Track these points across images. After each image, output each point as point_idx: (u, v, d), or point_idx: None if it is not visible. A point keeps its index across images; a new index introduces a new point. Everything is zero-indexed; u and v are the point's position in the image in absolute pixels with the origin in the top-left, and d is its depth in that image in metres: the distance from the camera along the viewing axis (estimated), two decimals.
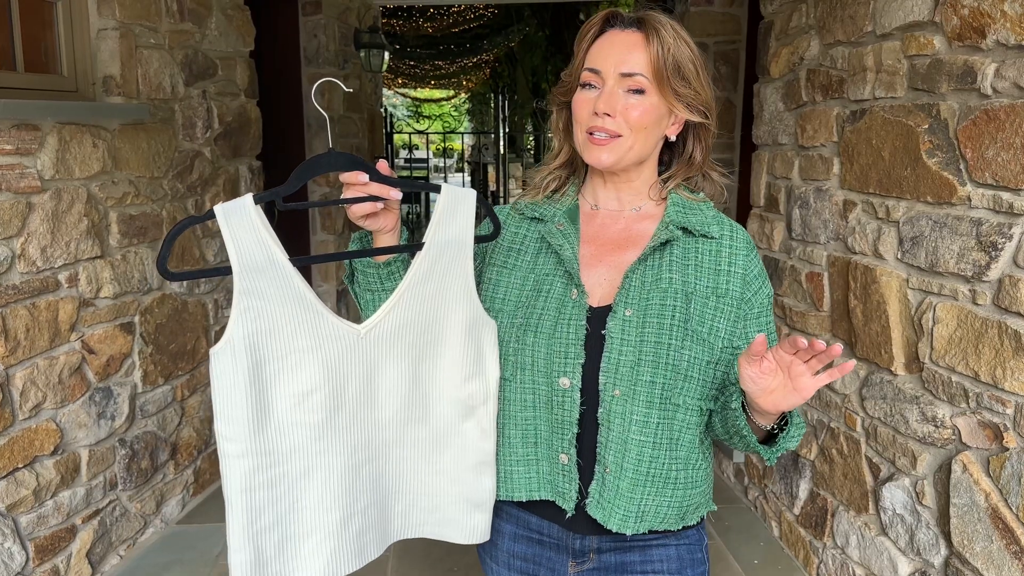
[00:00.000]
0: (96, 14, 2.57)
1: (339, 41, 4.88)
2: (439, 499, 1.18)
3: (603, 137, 1.12)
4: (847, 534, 2.42)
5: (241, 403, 1.00)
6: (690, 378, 1.11)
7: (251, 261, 0.99)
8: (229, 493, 1.02)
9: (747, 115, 3.28)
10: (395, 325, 1.09)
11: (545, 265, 1.18)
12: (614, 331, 1.10)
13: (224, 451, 1.01)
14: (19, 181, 2.20)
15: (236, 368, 0.99)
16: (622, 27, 1.13)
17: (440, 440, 1.16)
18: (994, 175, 1.77)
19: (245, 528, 1.03)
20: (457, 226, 1.10)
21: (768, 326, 1.19)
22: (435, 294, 1.10)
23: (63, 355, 2.40)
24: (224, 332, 1.00)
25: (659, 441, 1.12)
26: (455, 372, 1.13)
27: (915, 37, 2.02)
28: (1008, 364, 1.74)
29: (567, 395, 1.12)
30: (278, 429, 1.04)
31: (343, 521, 1.10)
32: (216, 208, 0.98)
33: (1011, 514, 1.75)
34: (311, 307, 1.03)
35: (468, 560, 2.71)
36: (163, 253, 1.02)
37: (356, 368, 1.07)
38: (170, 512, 2.99)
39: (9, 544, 2.20)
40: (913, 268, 2.06)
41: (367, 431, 1.11)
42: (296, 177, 1.06)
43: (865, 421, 2.32)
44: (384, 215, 1.10)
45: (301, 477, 1.06)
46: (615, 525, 1.13)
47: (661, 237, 1.14)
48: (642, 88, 1.11)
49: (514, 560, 1.26)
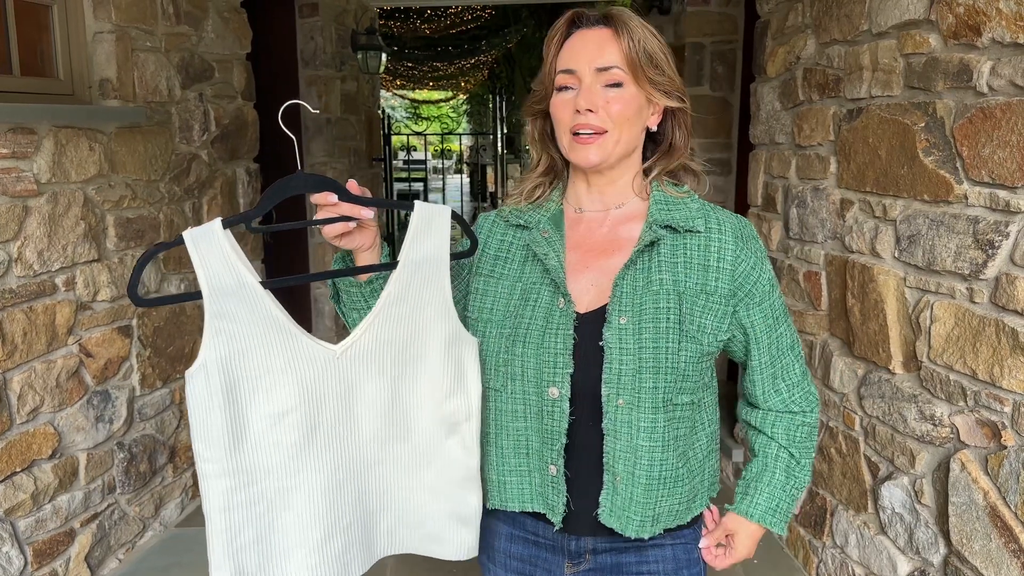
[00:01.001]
0: (92, 17, 2.56)
1: (336, 43, 4.88)
2: (424, 516, 1.18)
3: (588, 135, 1.12)
4: (846, 533, 2.42)
5: (217, 423, 1.00)
6: (688, 376, 1.12)
7: (220, 284, 0.99)
8: (209, 511, 1.03)
9: (744, 115, 3.28)
10: (371, 344, 1.09)
11: (532, 274, 1.17)
12: (612, 341, 1.10)
13: (203, 471, 1.02)
14: (15, 185, 2.20)
15: (211, 389, 1.00)
16: (589, 26, 1.13)
17: (423, 457, 1.15)
18: (990, 173, 1.76)
19: (225, 546, 1.04)
20: (432, 243, 1.10)
21: (775, 307, 1.19)
22: (412, 312, 1.10)
23: (61, 359, 2.39)
24: (198, 355, 1.00)
25: (667, 443, 1.12)
26: (436, 390, 1.13)
27: (911, 35, 2.02)
28: (1006, 362, 1.74)
29: (556, 405, 1.11)
30: (255, 449, 1.04)
31: (325, 539, 1.10)
32: (184, 234, 0.98)
33: (1009, 512, 1.75)
34: (283, 329, 1.03)
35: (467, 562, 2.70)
36: (133, 280, 1.03)
37: (333, 388, 1.07)
38: (169, 515, 2.98)
39: (7, 548, 2.20)
40: (910, 267, 2.06)
41: (348, 450, 1.10)
42: (266, 199, 1.05)
43: (863, 420, 2.31)
44: (359, 234, 1.10)
45: (280, 495, 1.06)
46: (633, 532, 1.14)
47: (646, 239, 1.13)
48: (619, 81, 1.11)
49: (511, 561, 1.26)
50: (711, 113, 3.89)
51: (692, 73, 3.88)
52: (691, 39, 3.87)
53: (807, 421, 1.25)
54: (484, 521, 1.28)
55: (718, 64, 3.88)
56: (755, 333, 1.19)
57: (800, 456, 1.24)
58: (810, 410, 1.25)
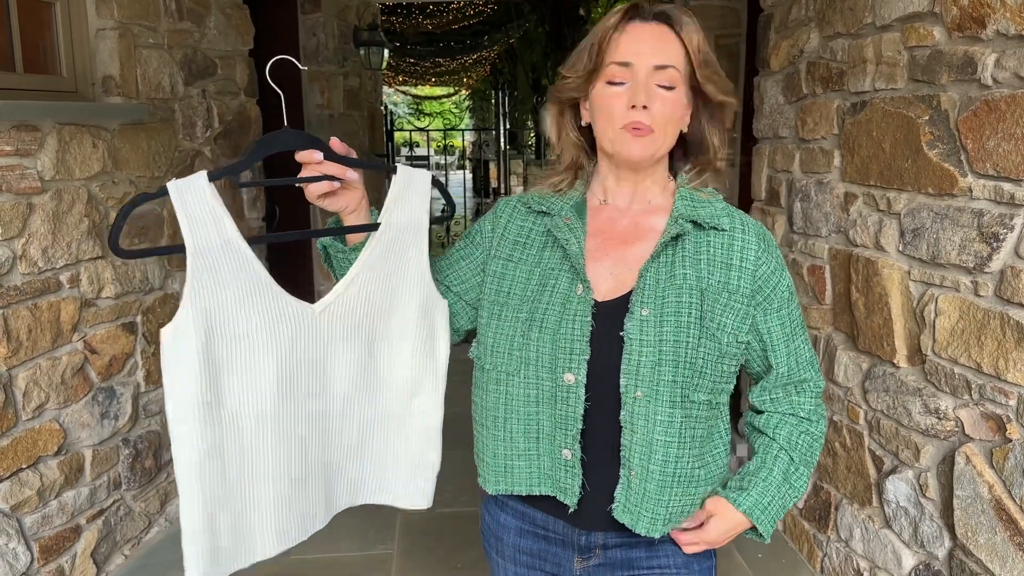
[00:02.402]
0: (95, 14, 2.56)
1: (338, 39, 4.87)
2: (387, 470, 1.22)
3: (640, 129, 1.11)
4: (851, 527, 2.42)
5: (192, 381, 1.00)
6: (705, 374, 1.11)
7: (204, 239, 0.99)
8: (180, 472, 1.02)
9: (748, 109, 3.27)
10: (350, 305, 1.10)
11: (551, 259, 1.17)
12: (632, 332, 1.09)
13: (175, 432, 1.01)
14: (20, 182, 2.20)
15: (188, 347, 0.99)
16: (645, 20, 1.12)
17: (390, 415, 1.19)
18: (995, 166, 1.76)
19: (200, 508, 1.03)
20: (412, 207, 1.12)
21: (790, 317, 1.18)
22: (390, 275, 1.12)
23: (65, 355, 2.40)
24: (177, 311, 0.99)
25: (683, 440, 1.11)
26: (407, 351, 1.16)
27: (915, 28, 2.01)
28: (1011, 356, 1.73)
29: (571, 391, 1.11)
30: (230, 408, 1.04)
31: (290, 495, 1.11)
32: (169, 184, 0.97)
33: (1015, 506, 1.75)
34: (265, 286, 1.03)
35: (472, 556, 2.71)
36: (115, 228, 1.01)
37: (309, 345, 1.08)
38: (174, 511, 2.99)
39: (14, 544, 2.21)
40: (915, 260, 2.06)
41: (318, 406, 1.12)
42: (250, 154, 1.06)
43: (868, 414, 2.31)
44: (344, 195, 1.10)
45: (251, 453, 1.07)
46: (643, 529, 1.13)
47: (672, 231, 1.13)
48: (673, 83, 1.11)
49: (520, 555, 1.26)
50: None
51: None
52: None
53: (811, 431, 1.22)
54: (493, 515, 1.29)
55: (721, 58, 3.85)
56: (772, 341, 1.18)
57: (799, 462, 1.21)
58: (817, 420, 1.23)
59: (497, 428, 1.18)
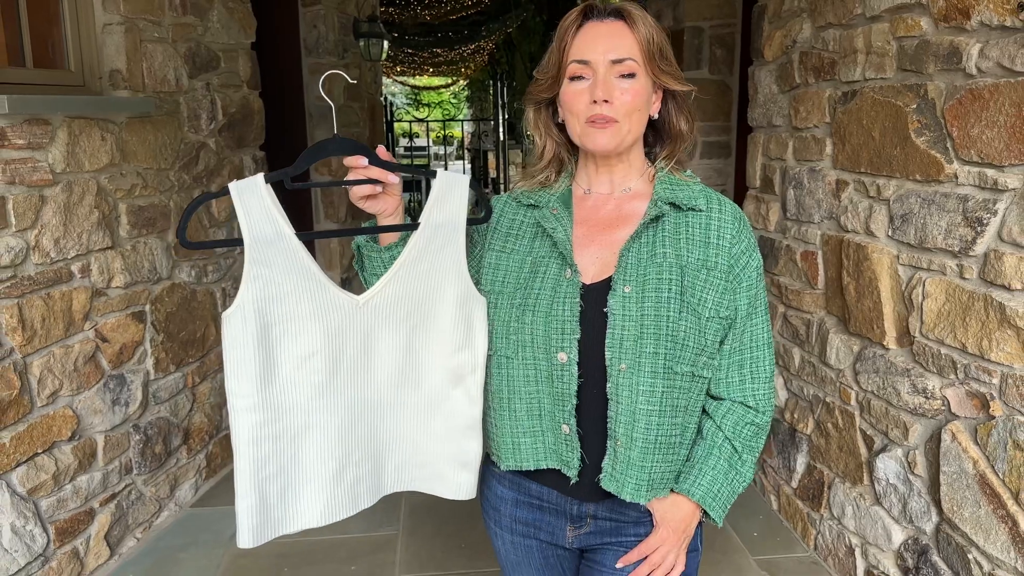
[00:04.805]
0: (101, 9, 2.61)
1: (338, 31, 4.91)
2: (429, 457, 1.28)
3: (603, 122, 1.18)
4: (843, 505, 2.49)
5: (250, 361, 1.10)
6: (687, 347, 1.18)
7: (261, 234, 1.09)
8: (237, 444, 1.13)
9: (743, 98, 3.32)
10: (391, 298, 1.18)
11: (541, 248, 1.24)
12: (615, 308, 1.16)
13: (233, 406, 1.12)
14: (32, 175, 2.26)
15: (245, 329, 1.09)
16: (600, 18, 1.19)
17: (431, 404, 1.25)
18: (979, 152, 1.82)
19: (251, 476, 1.13)
20: (451, 209, 1.19)
21: (757, 298, 1.25)
22: (429, 271, 1.19)
23: (78, 344, 2.46)
24: (236, 297, 1.09)
25: (664, 409, 1.18)
26: (446, 343, 1.22)
27: (903, 19, 2.07)
28: (993, 335, 1.80)
29: (565, 369, 1.18)
30: (282, 387, 1.14)
31: (338, 472, 1.20)
32: (231, 185, 1.08)
33: (997, 480, 1.82)
34: (314, 277, 1.13)
35: (475, 537, 2.78)
36: (182, 224, 1.13)
37: (354, 334, 1.17)
38: (184, 496, 3.06)
39: (31, 527, 2.28)
40: (903, 245, 2.12)
41: (363, 392, 1.20)
42: (303, 159, 1.16)
43: (859, 395, 2.38)
44: (384, 198, 1.19)
45: (302, 431, 1.16)
46: (628, 495, 1.20)
47: (651, 213, 1.20)
48: (633, 72, 1.17)
49: (516, 524, 1.34)
50: (710, 96, 3.93)
51: (691, 57, 3.92)
52: (690, 23, 3.90)
53: (757, 421, 1.26)
54: (491, 488, 1.36)
55: (717, 48, 3.92)
56: (737, 318, 1.23)
57: (743, 451, 1.25)
58: (763, 411, 1.27)
59: (503, 408, 1.25)
